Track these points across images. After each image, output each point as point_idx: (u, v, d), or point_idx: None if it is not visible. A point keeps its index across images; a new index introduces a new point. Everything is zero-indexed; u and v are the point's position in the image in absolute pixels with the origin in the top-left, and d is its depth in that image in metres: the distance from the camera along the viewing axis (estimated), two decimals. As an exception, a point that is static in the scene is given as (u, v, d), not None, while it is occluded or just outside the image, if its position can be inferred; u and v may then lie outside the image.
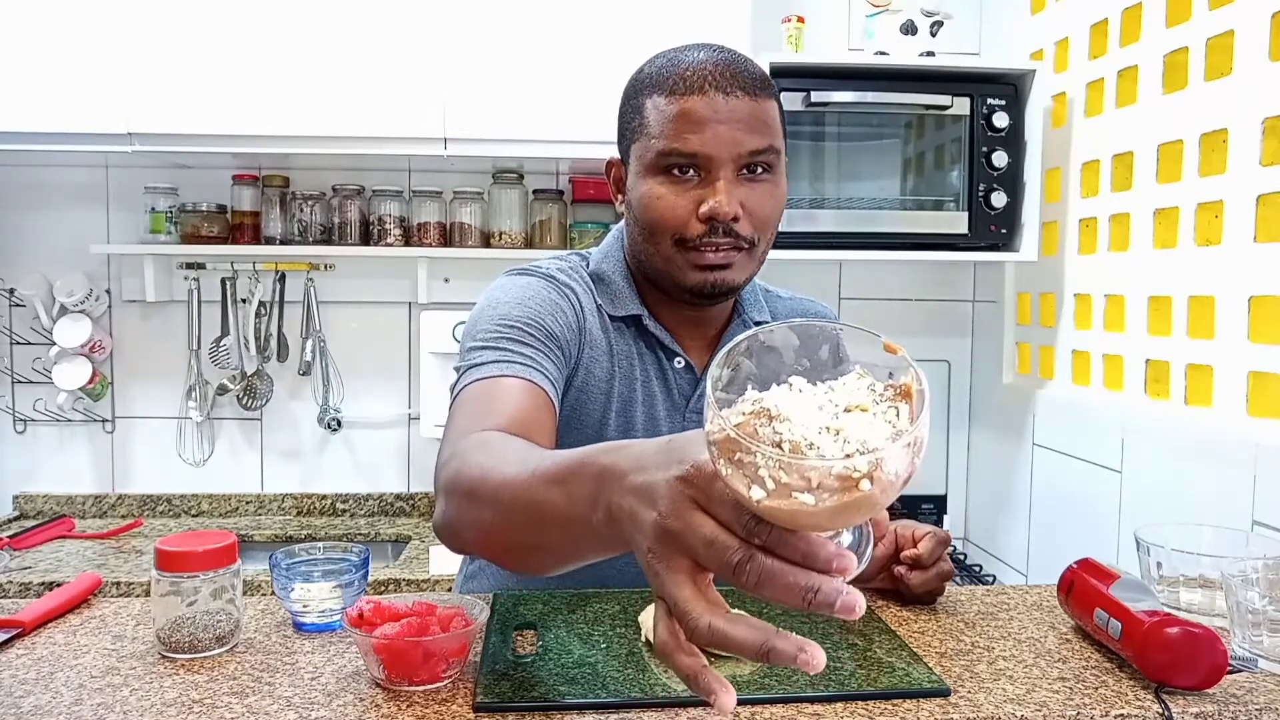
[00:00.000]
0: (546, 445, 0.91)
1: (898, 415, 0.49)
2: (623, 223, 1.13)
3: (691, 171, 0.98)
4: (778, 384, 0.51)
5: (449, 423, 0.93)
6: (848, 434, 0.47)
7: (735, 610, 0.53)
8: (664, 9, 2.02)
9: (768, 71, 1.94)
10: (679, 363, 1.09)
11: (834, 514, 0.47)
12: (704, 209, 0.97)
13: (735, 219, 0.97)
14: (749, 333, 0.55)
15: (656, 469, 0.55)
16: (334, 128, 2.00)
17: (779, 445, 0.47)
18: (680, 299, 1.06)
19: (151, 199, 2.23)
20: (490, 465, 0.76)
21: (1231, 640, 0.93)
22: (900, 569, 1.01)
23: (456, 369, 1.01)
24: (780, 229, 1.98)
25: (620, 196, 1.09)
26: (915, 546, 0.99)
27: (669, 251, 1.01)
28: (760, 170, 0.99)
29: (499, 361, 0.97)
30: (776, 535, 0.50)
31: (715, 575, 0.53)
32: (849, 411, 0.49)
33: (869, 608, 1.02)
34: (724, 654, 0.88)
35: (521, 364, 0.97)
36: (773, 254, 2.14)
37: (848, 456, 0.46)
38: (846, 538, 0.54)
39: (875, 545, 1.00)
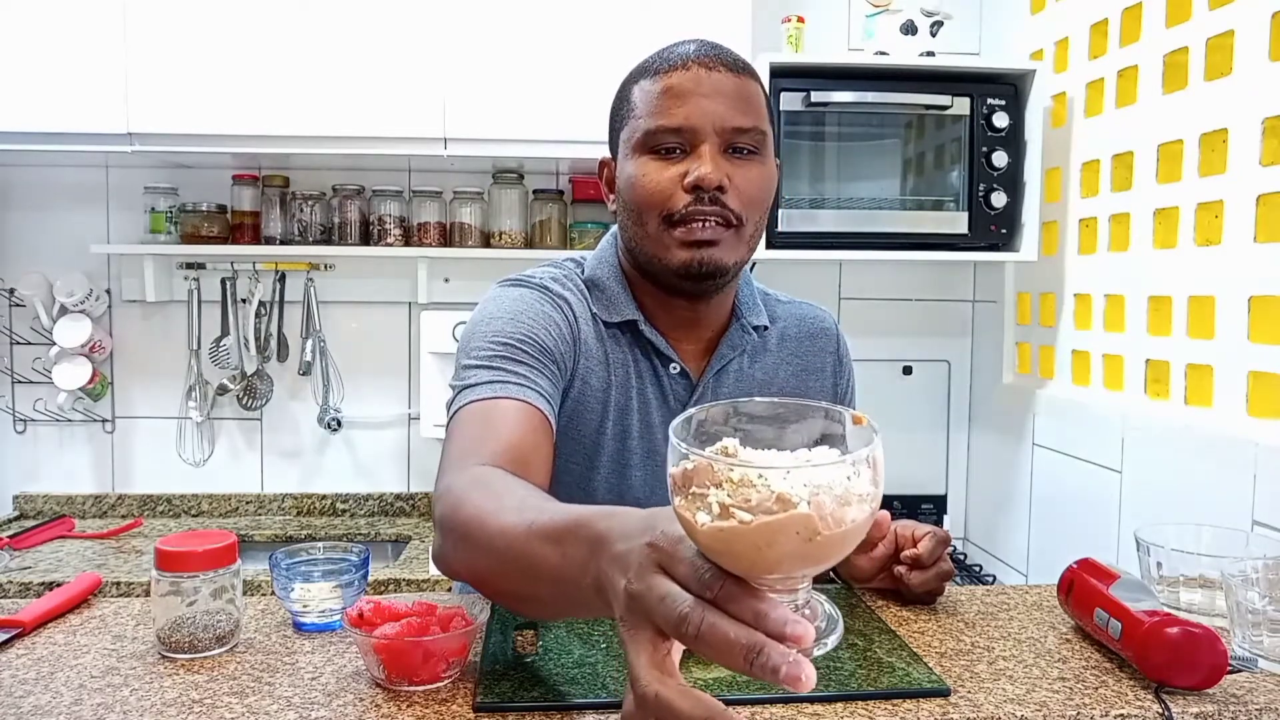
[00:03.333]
0: (544, 468, 0.93)
1: (858, 475, 0.50)
2: (616, 226, 1.12)
3: (678, 150, 0.98)
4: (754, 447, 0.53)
5: (446, 444, 0.94)
6: (799, 474, 0.48)
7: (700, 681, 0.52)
8: (664, 9, 2.02)
9: (767, 71, 1.95)
10: (674, 369, 1.08)
11: (772, 534, 0.47)
12: (689, 178, 0.96)
13: (721, 188, 0.96)
14: (730, 401, 0.58)
15: (635, 537, 0.56)
16: (334, 128, 2.00)
17: (732, 478, 0.48)
18: (671, 286, 1.04)
19: (151, 199, 2.23)
20: (489, 510, 0.76)
21: (1231, 640, 0.93)
22: (900, 569, 1.01)
23: (452, 386, 1.01)
24: (780, 229, 1.99)
25: (611, 196, 1.08)
26: (915, 546, 0.99)
27: (657, 231, 0.99)
28: (747, 151, 0.99)
29: (494, 382, 0.96)
30: (729, 590, 0.49)
31: (677, 642, 0.52)
32: (808, 467, 0.50)
33: (869, 608, 1.02)
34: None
35: (517, 384, 0.96)
36: (773, 254, 2.12)
37: (787, 473, 0.47)
38: (802, 596, 0.53)
39: (876, 547, 1.00)
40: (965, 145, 2.01)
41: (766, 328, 1.14)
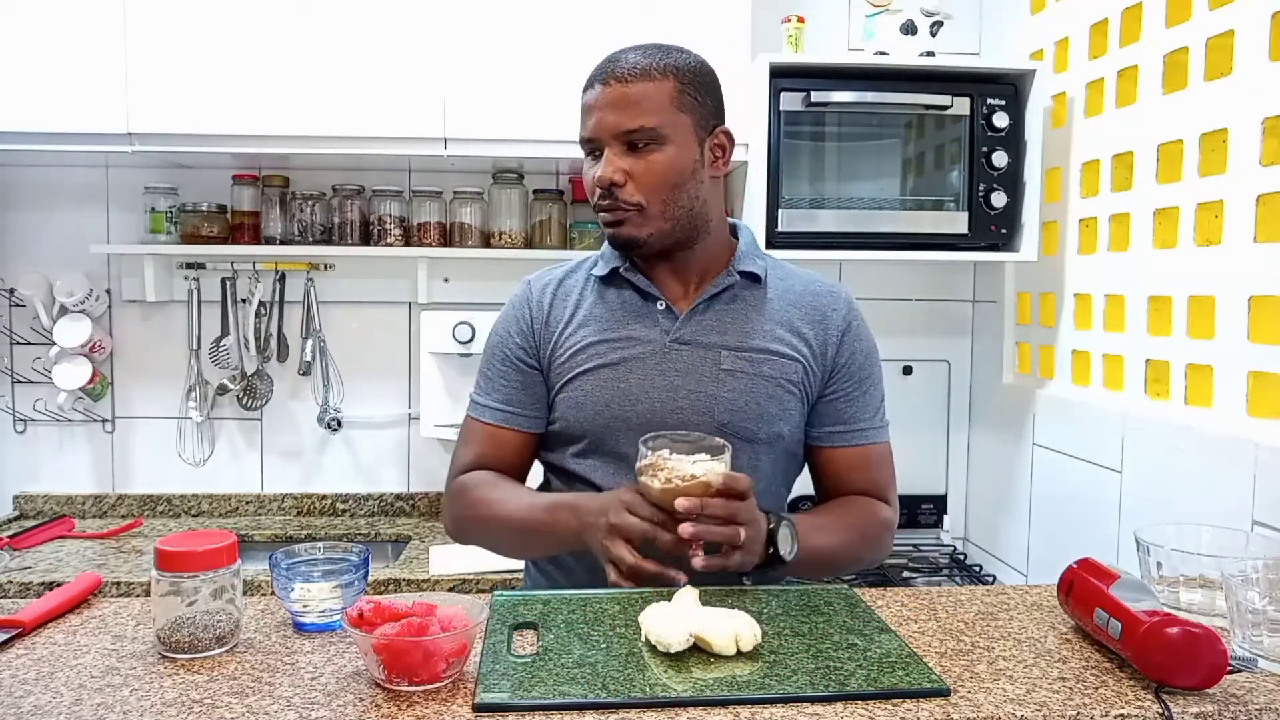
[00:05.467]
0: (513, 473, 1.28)
1: (721, 465, 1.05)
2: None
3: (597, 153, 1.20)
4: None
5: (458, 445, 1.32)
6: (697, 467, 1.04)
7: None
8: (664, 9, 2.02)
9: (767, 71, 1.95)
10: (660, 305, 1.24)
11: (688, 489, 1.02)
12: (594, 179, 1.19)
13: (614, 185, 1.17)
14: (681, 433, 1.09)
15: (604, 502, 1.09)
16: (334, 128, 2.00)
17: (668, 467, 1.04)
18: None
19: (151, 199, 2.23)
20: (497, 500, 1.22)
21: (1231, 640, 0.93)
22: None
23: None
24: (780, 229, 2.00)
25: None
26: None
27: (597, 215, 1.23)
28: (643, 145, 1.17)
29: (476, 403, 1.30)
30: (666, 522, 1.03)
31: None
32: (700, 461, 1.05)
33: (869, 608, 1.03)
34: (723, 654, 0.88)
35: (490, 406, 1.28)
36: (773, 254, 2.14)
37: (693, 463, 1.04)
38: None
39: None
40: (965, 145, 2.01)
41: (758, 277, 1.26)
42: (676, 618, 0.91)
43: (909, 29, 2.04)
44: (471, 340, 2.18)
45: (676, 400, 1.20)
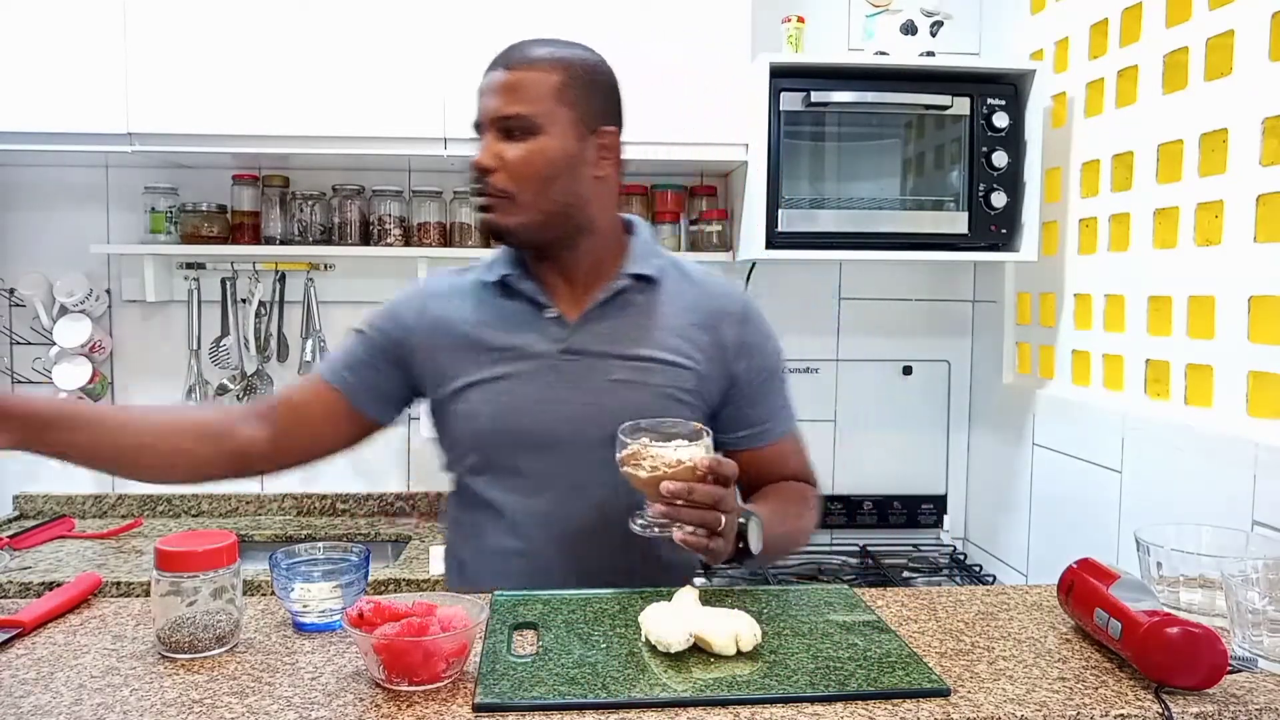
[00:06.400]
0: (306, 435, 1.24)
1: (704, 450, 1.03)
2: None
3: (483, 137, 1.18)
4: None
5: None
6: (680, 452, 1.02)
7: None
8: (664, 9, 2.02)
9: (767, 71, 1.95)
10: (551, 313, 1.21)
11: (674, 473, 1.00)
12: (470, 163, 1.17)
13: (486, 169, 1.15)
14: (653, 420, 1.08)
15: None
16: (334, 128, 2.00)
17: (651, 455, 1.02)
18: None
19: (151, 199, 2.23)
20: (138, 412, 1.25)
21: (1231, 640, 0.93)
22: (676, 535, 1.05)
23: None
24: (780, 229, 1.99)
25: None
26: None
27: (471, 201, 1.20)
28: (519, 133, 1.15)
29: (318, 367, 1.28)
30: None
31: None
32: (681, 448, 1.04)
33: (869, 608, 1.03)
34: (723, 654, 0.88)
35: (330, 367, 1.25)
36: (773, 254, 2.12)
37: (675, 450, 1.02)
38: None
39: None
40: (965, 145, 2.01)
41: (652, 279, 1.22)
42: (676, 618, 0.91)
43: (909, 29, 2.04)
44: (471, 340, 2.17)
45: (567, 413, 1.17)
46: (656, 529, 1.03)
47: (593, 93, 1.18)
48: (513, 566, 1.19)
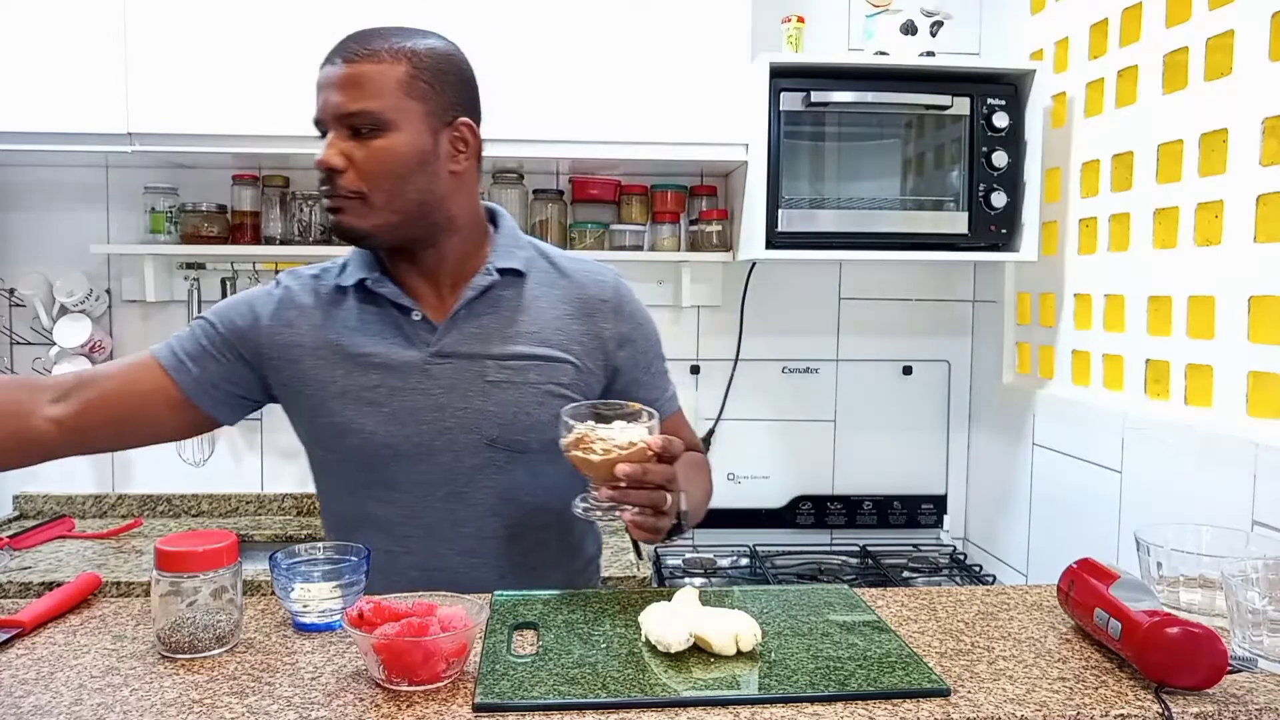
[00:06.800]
0: (124, 414, 1.17)
1: (648, 431, 1.02)
2: None
3: (327, 134, 1.11)
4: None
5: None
6: (629, 433, 1.01)
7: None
8: (664, 9, 2.02)
9: (767, 71, 1.95)
10: (416, 315, 1.15)
11: (626, 455, 0.99)
12: (316, 163, 1.10)
13: (333, 170, 1.08)
14: (591, 403, 1.06)
15: None
16: (334, 128, 2.00)
17: (600, 438, 1.00)
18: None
19: (151, 199, 2.23)
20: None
21: (1231, 640, 0.93)
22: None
23: None
24: (780, 229, 1.99)
25: None
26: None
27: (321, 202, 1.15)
28: (367, 130, 1.08)
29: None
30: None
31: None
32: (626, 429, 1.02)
33: (869, 608, 1.03)
34: (723, 654, 0.88)
35: (168, 348, 1.19)
36: (773, 254, 2.11)
37: (623, 431, 1.01)
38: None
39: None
40: (965, 145, 2.01)
41: (520, 272, 1.18)
42: (676, 618, 0.91)
43: (909, 29, 2.04)
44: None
45: (444, 420, 1.13)
46: (601, 512, 1.00)
47: (443, 84, 1.12)
48: (409, 577, 1.13)
